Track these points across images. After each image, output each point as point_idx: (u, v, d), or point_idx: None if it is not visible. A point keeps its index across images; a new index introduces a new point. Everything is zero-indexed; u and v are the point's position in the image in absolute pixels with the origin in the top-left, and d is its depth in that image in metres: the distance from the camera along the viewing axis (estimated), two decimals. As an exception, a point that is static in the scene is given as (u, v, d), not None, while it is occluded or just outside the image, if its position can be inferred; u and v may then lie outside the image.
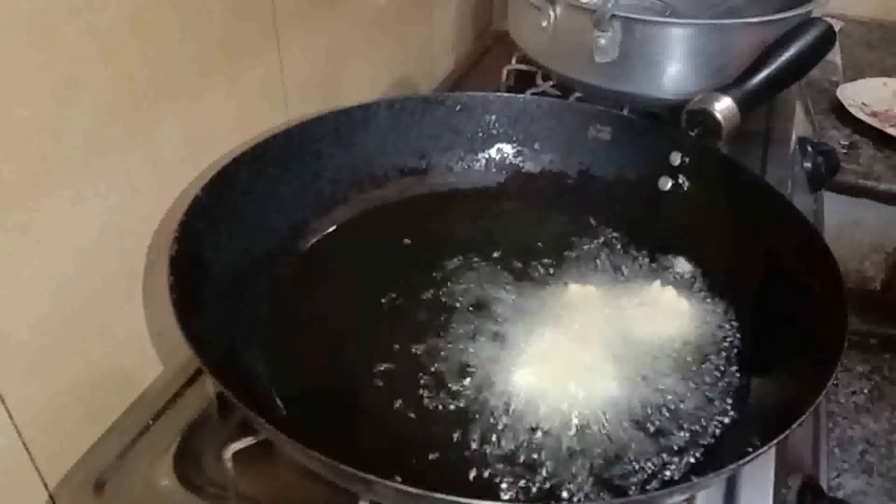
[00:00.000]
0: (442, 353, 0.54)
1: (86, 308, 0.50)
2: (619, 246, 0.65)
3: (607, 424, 0.49)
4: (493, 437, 0.48)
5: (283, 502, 0.49)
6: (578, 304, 0.58)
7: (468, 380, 0.52)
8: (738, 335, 0.56)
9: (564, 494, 0.45)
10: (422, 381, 0.52)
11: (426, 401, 0.50)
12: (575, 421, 0.49)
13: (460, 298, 0.58)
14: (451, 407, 0.50)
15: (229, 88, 0.60)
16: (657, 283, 0.60)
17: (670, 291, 0.60)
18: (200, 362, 0.43)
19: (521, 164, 0.73)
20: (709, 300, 0.59)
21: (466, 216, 0.69)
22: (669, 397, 0.51)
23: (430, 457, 0.47)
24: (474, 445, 0.48)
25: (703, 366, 0.54)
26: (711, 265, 0.62)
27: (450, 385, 0.51)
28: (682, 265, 0.63)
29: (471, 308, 0.58)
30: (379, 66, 0.87)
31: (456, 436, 0.48)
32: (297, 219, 0.63)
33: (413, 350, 0.54)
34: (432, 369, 0.53)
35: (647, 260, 0.64)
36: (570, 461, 0.47)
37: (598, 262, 0.63)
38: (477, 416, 0.49)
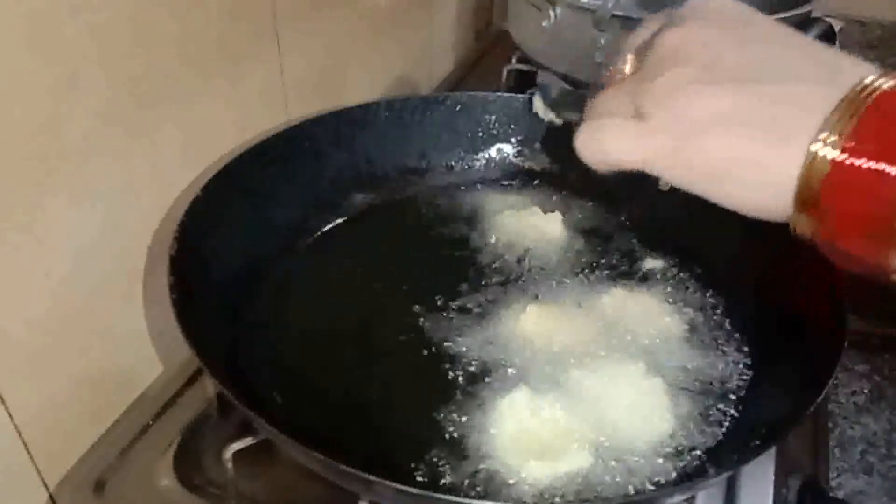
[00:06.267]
0: (442, 354, 0.54)
1: (86, 308, 0.50)
2: (618, 246, 0.65)
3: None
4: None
5: (283, 502, 0.49)
6: (578, 303, 0.58)
7: (466, 377, 0.52)
8: (738, 336, 0.56)
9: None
10: (422, 382, 0.52)
11: (427, 401, 0.50)
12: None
13: (460, 298, 0.58)
14: (453, 407, 0.50)
15: (229, 89, 0.60)
16: (656, 283, 0.61)
17: (669, 292, 0.60)
18: (200, 362, 0.43)
19: (521, 164, 0.73)
20: (708, 300, 0.59)
21: (466, 216, 0.68)
22: (669, 398, 0.51)
23: (430, 457, 0.47)
24: (475, 445, 0.48)
25: (702, 366, 0.54)
26: (711, 265, 0.62)
27: (450, 384, 0.51)
28: (682, 265, 0.63)
29: (470, 308, 0.58)
30: (379, 66, 0.87)
31: (457, 436, 0.48)
32: (297, 219, 0.63)
33: (413, 351, 0.54)
34: (433, 370, 0.53)
35: (646, 260, 0.63)
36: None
37: (597, 261, 0.63)
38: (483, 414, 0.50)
